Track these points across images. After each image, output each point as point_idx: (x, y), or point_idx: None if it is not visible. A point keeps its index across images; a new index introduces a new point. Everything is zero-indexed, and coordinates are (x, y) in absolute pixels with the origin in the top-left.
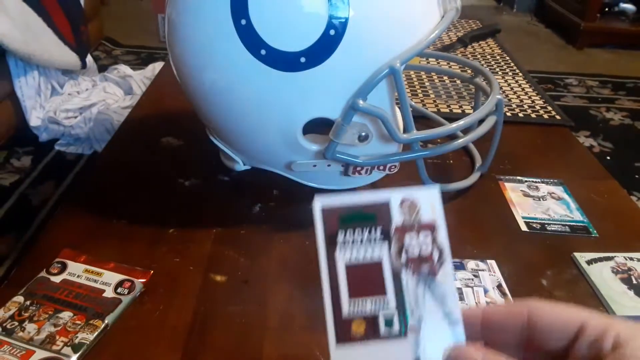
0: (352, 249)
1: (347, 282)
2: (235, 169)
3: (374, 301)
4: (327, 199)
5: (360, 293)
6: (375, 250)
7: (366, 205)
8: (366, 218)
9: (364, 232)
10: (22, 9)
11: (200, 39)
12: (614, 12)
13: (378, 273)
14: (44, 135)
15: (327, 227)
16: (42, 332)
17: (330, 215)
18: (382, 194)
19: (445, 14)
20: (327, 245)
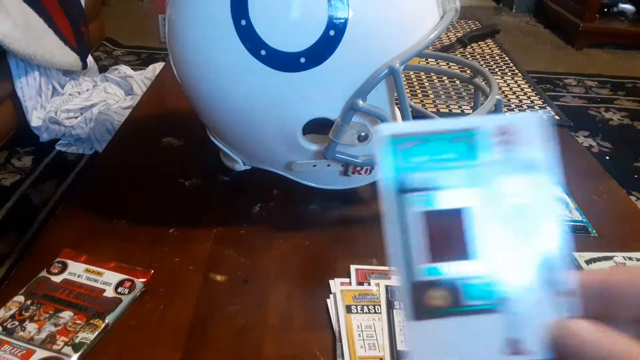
0: (428, 194)
1: (421, 237)
2: (235, 169)
3: (459, 264)
4: (396, 126)
5: (439, 254)
6: (460, 193)
7: (449, 135)
8: (448, 152)
9: (445, 171)
10: (23, 9)
11: (201, 40)
12: (613, 13)
13: (463, 226)
14: (44, 135)
15: (395, 163)
16: (43, 332)
17: (400, 146)
18: (471, 120)
19: (445, 14)
20: (395, 189)
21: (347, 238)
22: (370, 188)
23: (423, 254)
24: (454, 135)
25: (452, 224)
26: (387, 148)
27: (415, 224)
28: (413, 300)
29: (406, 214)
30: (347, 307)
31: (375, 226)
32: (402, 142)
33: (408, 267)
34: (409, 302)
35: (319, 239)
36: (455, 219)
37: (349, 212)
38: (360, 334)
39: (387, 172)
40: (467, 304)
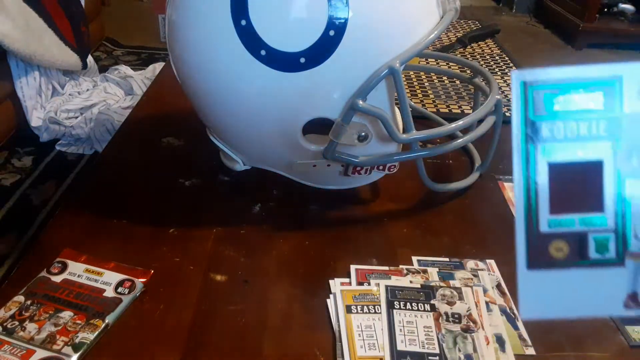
0: (562, 144)
1: (550, 188)
2: (235, 169)
3: (585, 215)
4: (531, 72)
5: (567, 204)
6: (596, 147)
7: (588, 82)
8: (587, 101)
9: (582, 122)
10: (22, 9)
11: (201, 40)
12: (613, 13)
13: (595, 179)
14: (44, 135)
15: (528, 110)
16: (43, 332)
17: (536, 94)
18: (613, 65)
19: (445, 14)
20: (526, 135)
21: (347, 238)
22: (370, 188)
23: (551, 205)
24: (593, 84)
25: (584, 176)
26: (520, 94)
27: (545, 174)
28: (533, 250)
29: (536, 164)
30: (347, 307)
31: (375, 226)
32: (536, 88)
33: (533, 217)
34: (525, 251)
35: (319, 239)
36: (588, 171)
37: (349, 212)
38: (360, 334)
39: (519, 119)
40: (593, 257)
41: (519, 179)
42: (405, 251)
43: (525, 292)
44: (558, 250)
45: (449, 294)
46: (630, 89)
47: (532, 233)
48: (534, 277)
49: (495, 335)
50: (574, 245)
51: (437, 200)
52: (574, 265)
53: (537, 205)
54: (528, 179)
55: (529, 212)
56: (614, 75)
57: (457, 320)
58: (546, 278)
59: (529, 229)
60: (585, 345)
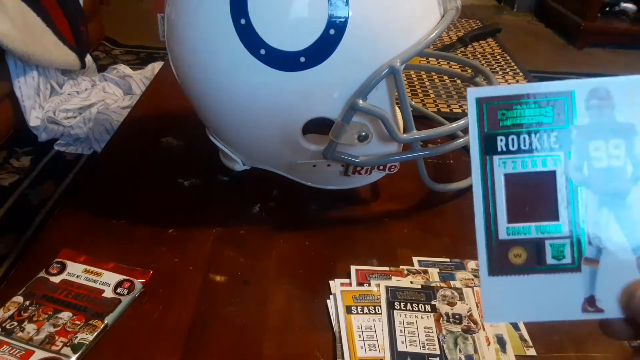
0: (516, 156)
1: (507, 197)
2: (235, 169)
3: (541, 223)
4: (485, 90)
5: (523, 213)
6: (548, 158)
7: (540, 97)
8: (538, 115)
9: (534, 135)
10: (21, 8)
11: (200, 39)
12: (614, 12)
13: (549, 189)
14: (43, 135)
15: (484, 125)
16: (42, 332)
17: (490, 109)
18: (563, 83)
19: (445, 13)
20: (482, 148)
21: (347, 238)
22: (370, 188)
23: (508, 214)
24: (543, 99)
25: (539, 185)
26: (475, 110)
27: (501, 184)
28: (493, 257)
29: (493, 175)
30: (347, 308)
31: (375, 226)
32: (490, 104)
33: (492, 225)
34: (486, 258)
35: (319, 239)
36: (542, 181)
37: (349, 212)
38: (360, 334)
39: (475, 134)
40: (550, 263)
41: (478, 190)
42: (405, 251)
43: (487, 297)
44: (517, 256)
45: (449, 295)
46: (580, 104)
47: (491, 241)
48: (495, 283)
49: (496, 336)
50: (531, 251)
51: (438, 201)
52: (533, 271)
53: (496, 214)
54: (486, 190)
55: (488, 220)
56: (564, 91)
57: (457, 320)
58: (506, 283)
59: (488, 236)
60: (586, 345)
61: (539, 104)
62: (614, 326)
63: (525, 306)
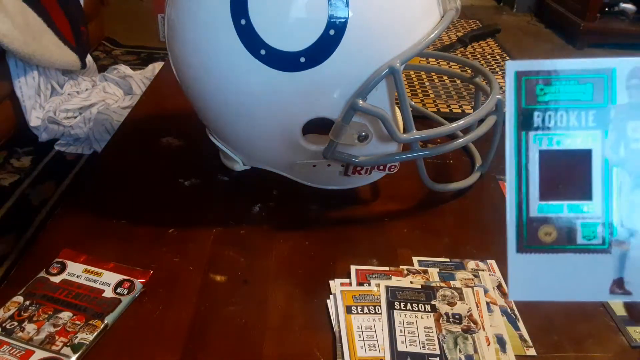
0: (552, 133)
1: (540, 174)
2: (235, 169)
3: (574, 202)
4: (524, 63)
5: (556, 191)
6: (585, 136)
7: (580, 74)
8: (577, 92)
9: (572, 112)
10: (22, 8)
11: (200, 39)
12: (614, 12)
13: (584, 168)
14: (43, 135)
15: (521, 100)
16: (42, 332)
17: (528, 83)
18: (605, 60)
19: (445, 13)
20: (519, 124)
21: (347, 238)
22: (370, 188)
23: (540, 191)
24: (583, 76)
25: (574, 164)
26: (513, 83)
27: (535, 161)
28: (522, 234)
29: (528, 151)
30: (347, 308)
31: (375, 226)
32: (529, 78)
33: (524, 202)
34: (515, 234)
35: (319, 239)
36: (577, 159)
37: (349, 212)
38: (360, 334)
39: (512, 108)
40: (580, 243)
41: (511, 165)
42: (405, 251)
43: (515, 274)
44: (547, 234)
45: (449, 295)
46: (620, 82)
47: (522, 217)
48: (523, 260)
49: (496, 336)
50: (562, 230)
51: (438, 201)
52: (562, 250)
53: (528, 191)
54: (520, 166)
55: (520, 197)
56: (605, 69)
57: (457, 320)
58: (535, 261)
59: (519, 213)
60: (586, 345)
61: (578, 81)
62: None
63: (553, 285)
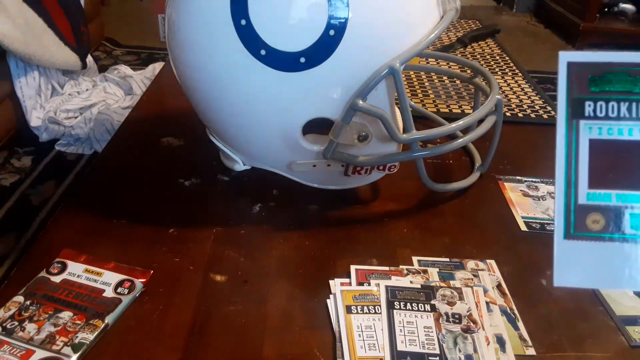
0: (603, 123)
1: (590, 163)
2: (235, 169)
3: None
4: (577, 54)
5: (605, 180)
6: (636, 129)
7: (632, 66)
8: (629, 84)
9: (623, 103)
10: (22, 9)
11: (200, 39)
12: (613, 12)
13: (633, 158)
14: (44, 135)
15: (573, 89)
16: (42, 332)
17: (580, 74)
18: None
19: (445, 14)
20: (570, 112)
21: (347, 238)
22: (370, 188)
23: (590, 179)
24: (635, 68)
25: (624, 154)
26: (565, 73)
27: (585, 149)
28: (570, 220)
29: (578, 139)
30: (347, 308)
31: (375, 226)
32: (581, 69)
33: (573, 189)
34: (564, 221)
35: (319, 239)
36: (628, 150)
37: (349, 212)
38: (360, 334)
39: (564, 97)
40: (628, 232)
41: (561, 153)
42: (405, 251)
43: (561, 260)
44: (595, 222)
45: (449, 294)
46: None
47: (570, 204)
48: (570, 247)
49: (496, 336)
50: (610, 219)
51: (438, 201)
52: (610, 239)
53: (577, 178)
54: (570, 154)
55: (569, 184)
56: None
57: (457, 320)
58: (582, 248)
59: (567, 200)
60: (585, 345)
61: (629, 73)
62: None
63: (598, 273)
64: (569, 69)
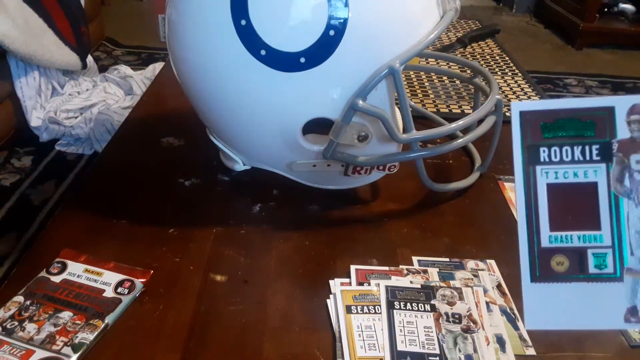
0: (558, 167)
1: (550, 206)
2: (235, 169)
3: (584, 232)
4: (528, 104)
5: (565, 222)
6: (590, 170)
7: (582, 112)
8: (580, 129)
9: (576, 147)
10: (22, 9)
11: (201, 40)
12: (613, 13)
13: (591, 199)
14: (44, 135)
15: (527, 137)
16: (42, 332)
17: (532, 122)
18: (604, 99)
19: (445, 14)
20: (525, 159)
21: (347, 238)
22: (370, 188)
23: (550, 222)
24: (585, 114)
25: (581, 196)
26: (519, 122)
27: (544, 193)
28: (535, 264)
29: (536, 185)
30: (347, 308)
31: (375, 226)
32: (533, 117)
33: (535, 234)
34: (529, 265)
35: (319, 239)
36: (585, 191)
37: (349, 212)
38: (360, 334)
39: (519, 145)
40: (592, 272)
41: (521, 199)
42: (405, 251)
43: (530, 303)
44: (559, 264)
45: (449, 294)
46: (620, 119)
47: (534, 248)
48: (538, 290)
49: (496, 336)
50: (574, 260)
51: (437, 200)
52: (575, 279)
53: (538, 222)
54: (529, 199)
55: (531, 229)
56: (605, 107)
57: (457, 320)
58: (549, 290)
59: (531, 244)
60: (585, 345)
61: (580, 119)
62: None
63: (568, 314)
64: (522, 118)
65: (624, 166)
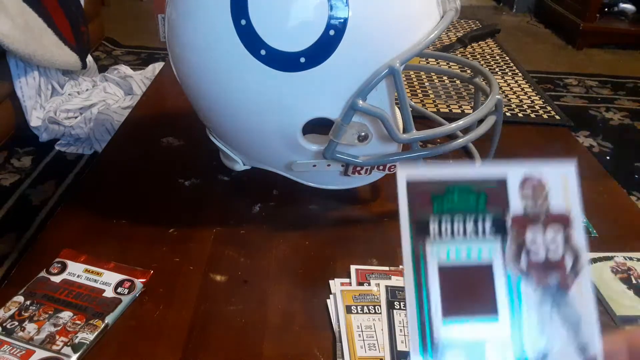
0: (450, 245)
1: (442, 293)
2: (235, 169)
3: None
4: (415, 171)
5: (459, 310)
6: (484, 248)
7: (473, 183)
8: (472, 201)
9: (468, 221)
10: (22, 9)
11: (200, 39)
12: (613, 12)
13: (486, 282)
14: (44, 135)
15: (415, 210)
16: (42, 332)
17: (421, 192)
18: (496, 168)
19: (445, 14)
20: (414, 235)
21: (347, 238)
22: (370, 188)
23: (442, 309)
24: (477, 185)
25: (475, 277)
26: (406, 192)
27: (434, 276)
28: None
29: (426, 263)
30: (347, 308)
31: (375, 226)
32: (422, 187)
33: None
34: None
35: (319, 239)
36: (478, 272)
37: (349, 212)
38: (360, 334)
39: (406, 218)
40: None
41: (409, 283)
42: None
43: None
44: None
45: None
46: (513, 192)
47: (426, 339)
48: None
49: None
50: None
51: None
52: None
53: (430, 308)
54: (417, 283)
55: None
56: (497, 177)
57: None
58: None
59: (423, 334)
60: None
61: (471, 190)
62: None
63: None
64: (409, 188)
65: (519, 242)
